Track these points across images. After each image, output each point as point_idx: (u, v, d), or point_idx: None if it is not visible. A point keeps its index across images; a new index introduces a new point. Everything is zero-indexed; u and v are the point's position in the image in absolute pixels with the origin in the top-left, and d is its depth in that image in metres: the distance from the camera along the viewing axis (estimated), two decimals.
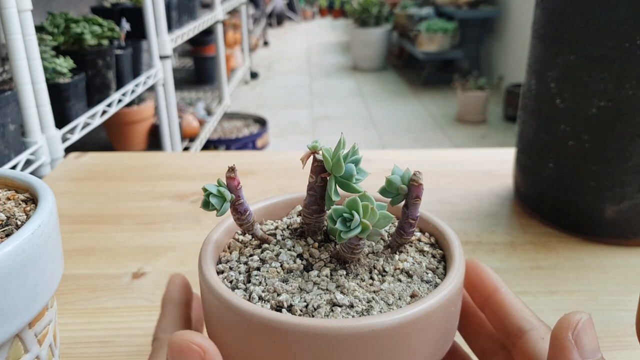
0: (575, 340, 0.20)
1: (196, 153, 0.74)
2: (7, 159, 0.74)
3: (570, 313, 0.20)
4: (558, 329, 0.20)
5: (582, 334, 0.20)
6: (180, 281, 0.28)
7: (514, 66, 3.51)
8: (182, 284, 0.28)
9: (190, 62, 3.23)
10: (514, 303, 0.25)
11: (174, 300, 0.27)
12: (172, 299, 0.27)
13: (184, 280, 0.28)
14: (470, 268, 0.27)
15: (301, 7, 8.33)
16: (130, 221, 0.54)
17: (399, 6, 4.72)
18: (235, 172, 0.24)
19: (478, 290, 0.27)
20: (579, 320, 0.20)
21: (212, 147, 2.48)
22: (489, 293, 0.26)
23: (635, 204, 0.46)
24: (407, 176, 0.25)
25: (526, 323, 0.24)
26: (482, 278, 0.27)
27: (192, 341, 0.18)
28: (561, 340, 0.20)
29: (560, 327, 0.20)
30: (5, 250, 0.21)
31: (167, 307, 0.27)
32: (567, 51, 0.45)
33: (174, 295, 0.27)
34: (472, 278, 0.27)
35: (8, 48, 0.75)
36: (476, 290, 0.27)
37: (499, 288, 0.26)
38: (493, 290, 0.26)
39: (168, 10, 1.70)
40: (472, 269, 0.27)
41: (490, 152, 0.70)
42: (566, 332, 0.20)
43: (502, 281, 0.27)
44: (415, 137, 3.09)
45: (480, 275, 0.27)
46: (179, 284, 0.28)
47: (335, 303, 0.22)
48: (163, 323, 0.26)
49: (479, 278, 0.27)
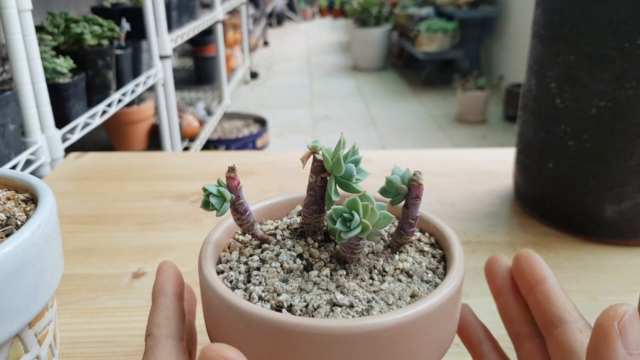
0: (620, 330, 0.20)
1: (196, 153, 0.74)
2: (7, 159, 0.74)
3: (617, 304, 0.20)
4: (603, 318, 0.20)
5: (629, 326, 0.20)
6: (171, 270, 0.27)
7: (514, 66, 3.51)
8: (173, 273, 0.26)
9: (190, 62, 3.23)
10: (558, 294, 0.26)
11: (166, 292, 0.25)
12: (163, 290, 0.25)
13: (174, 269, 0.27)
14: (524, 256, 0.28)
15: (301, 7, 8.33)
16: (130, 221, 0.54)
17: (399, 6, 4.72)
18: (235, 172, 0.24)
19: (526, 278, 0.27)
20: (625, 312, 0.20)
21: (212, 147, 2.48)
22: (536, 282, 0.27)
23: (635, 204, 0.46)
24: (407, 176, 0.25)
25: (567, 314, 0.25)
26: (533, 266, 0.27)
27: (225, 356, 0.18)
28: (605, 329, 0.20)
29: (606, 316, 0.20)
30: (5, 250, 0.21)
31: (159, 299, 0.25)
32: (567, 51, 0.45)
33: (165, 287, 0.26)
34: (522, 266, 0.28)
35: (8, 48, 0.75)
36: (524, 278, 0.28)
37: (547, 278, 0.27)
38: (541, 280, 0.27)
39: (168, 10, 1.70)
40: (524, 257, 0.28)
41: (490, 152, 0.70)
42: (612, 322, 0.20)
43: (551, 273, 0.27)
44: (415, 137, 3.09)
45: (531, 264, 0.28)
46: (170, 273, 0.26)
47: (335, 303, 0.22)
48: (156, 317, 0.24)
49: (529, 266, 0.27)
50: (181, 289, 0.26)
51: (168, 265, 0.27)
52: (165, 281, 0.26)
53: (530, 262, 0.28)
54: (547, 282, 0.27)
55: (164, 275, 0.26)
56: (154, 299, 0.25)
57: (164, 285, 0.26)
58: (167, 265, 0.27)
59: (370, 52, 4.62)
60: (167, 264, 0.27)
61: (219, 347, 0.18)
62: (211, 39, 2.84)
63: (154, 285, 0.26)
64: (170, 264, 0.27)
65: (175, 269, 0.27)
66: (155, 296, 0.25)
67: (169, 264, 0.27)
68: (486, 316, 0.31)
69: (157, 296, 0.25)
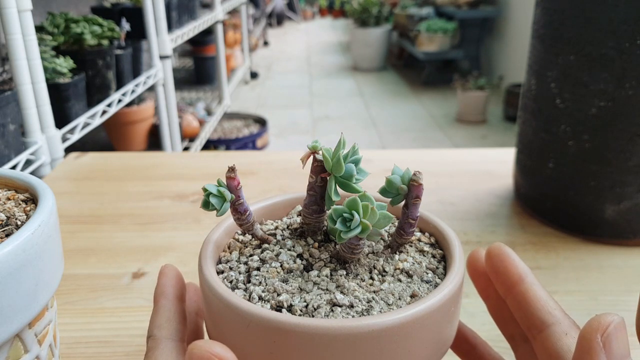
0: (604, 343, 0.19)
1: (196, 153, 0.74)
2: (7, 159, 0.74)
3: (603, 314, 0.20)
4: (587, 330, 0.20)
5: (613, 338, 0.19)
6: (172, 273, 0.27)
7: (514, 66, 3.51)
8: (174, 275, 0.27)
9: (190, 62, 3.22)
10: (538, 295, 0.24)
11: (168, 295, 0.26)
12: (165, 293, 0.26)
13: (175, 272, 0.27)
14: (495, 255, 0.26)
15: (301, 7, 8.33)
16: (130, 221, 0.54)
17: (399, 6, 4.72)
18: (235, 172, 0.24)
19: (501, 279, 0.26)
20: (610, 323, 0.19)
21: (212, 147, 2.48)
22: (512, 283, 0.25)
23: (635, 204, 0.46)
24: (407, 176, 0.25)
25: (549, 317, 0.23)
26: (506, 265, 0.25)
27: (212, 352, 0.18)
28: (589, 341, 0.19)
29: (590, 328, 0.20)
30: (5, 250, 0.21)
31: (161, 301, 0.25)
32: (567, 51, 0.45)
33: (166, 289, 0.26)
34: (496, 265, 0.26)
35: (8, 48, 0.75)
36: (499, 279, 0.26)
37: (523, 277, 0.25)
38: (517, 280, 0.25)
39: (168, 10, 1.70)
40: (496, 255, 0.26)
41: (490, 152, 0.70)
42: (595, 334, 0.19)
43: (528, 269, 0.25)
44: (415, 137, 3.09)
45: (504, 262, 0.26)
46: (171, 277, 0.27)
47: (335, 303, 0.22)
48: (157, 319, 0.24)
49: (502, 265, 0.26)
50: (182, 291, 0.27)
51: (169, 269, 0.27)
52: (166, 284, 0.26)
53: (503, 260, 0.26)
54: (524, 282, 0.25)
55: (165, 278, 0.26)
56: (156, 302, 0.26)
57: (165, 288, 0.26)
58: (168, 269, 0.27)
59: (370, 52, 4.62)
60: (168, 268, 0.27)
61: (205, 344, 0.18)
62: (211, 39, 2.84)
63: (155, 289, 0.26)
64: (172, 268, 0.27)
65: (177, 272, 0.27)
66: (156, 299, 0.26)
67: (170, 267, 0.27)
68: (485, 316, 0.31)
69: (159, 299, 0.26)
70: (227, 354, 0.18)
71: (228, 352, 0.18)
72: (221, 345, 0.18)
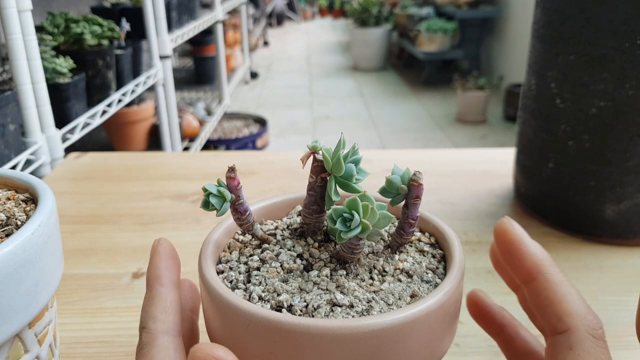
0: None
1: (196, 153, 0.74)
2: (7, 159, 0.74)
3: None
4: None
5: None
6: (167, 252, 0.24)
7: (514, 66, 3.51)
8: (170, 255, 0.24)
9: (190, 62, 3.22)
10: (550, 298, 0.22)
11: (163, 279, 0.23)
12: (159, 277, 0.23)
13: (170, 251, 0.24)
14: (503, 242, 0.24)
15: (301, 7, 8.33)
16: (130, 221, 0.54)
17: (399, 6, 4.72)
18: (235, 172, 0.24)
19: (513, 272, 0.24)
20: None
21: (212, 147, 2.48)
22: (523, 280, 0.23)
23: (635, 204, 0.46)
24: (407, 176, 0.25)
25: (560, 325, 0.22)
26: (514, 260, 0.23)
27: (215, 355, 0.18)
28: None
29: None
30: (5, 250, 0.21)
31: (155, 287, 0.23)
32: (567, 51, 0.45)
33: (161, 272, 0.23)
34: (504, 253, 0.24)
35: (8, 48, 0.75)
36: (511, 270, 0.24)
37: (534, 274, 0.23)
38: (527, 278, 0.23)
39: (168, 10, 1.70)
40: (504, 243, 0.24)
41: (490, 152, 0.70)
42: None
43: (540, 254, 0.23)
44: (415, 137, 3.09)
45: (513, 254, 0.23)
46: (166, 256, 0.24)
47: (335, 303, 0.22)
48: (152, 309, 0.22)
49: (511, 258, 0.24)
50: (178, 275, 0.24)
51: (164, 246, 0.24)
52: (161, 266, 0.24)
53: (510, 251, 0.23)
54: (535, 281, 0.23)
55: (159, 259, 0.24)
56: (149, 286, 0.23)
57: (160, 271, 0.23)
58: (162, 246, 0.24)
59: (370, 52, 4.62)
60: (162, 245, 0.24)
61: (207, 347, 0.18)
62: (211, 39, 2.84)
63: (148, 269, 0.24)
64: (166, 244, 0.24)
65: (172, 251, 0.24)
66: (150, 283, 0.23)
67: (164, 244, 0.24)
68: None
69: (153, 284, 0.23)
70: (230, 357, 0.18)
71: (230, 355, 0.18)
72: (223, 348, 0.18)
